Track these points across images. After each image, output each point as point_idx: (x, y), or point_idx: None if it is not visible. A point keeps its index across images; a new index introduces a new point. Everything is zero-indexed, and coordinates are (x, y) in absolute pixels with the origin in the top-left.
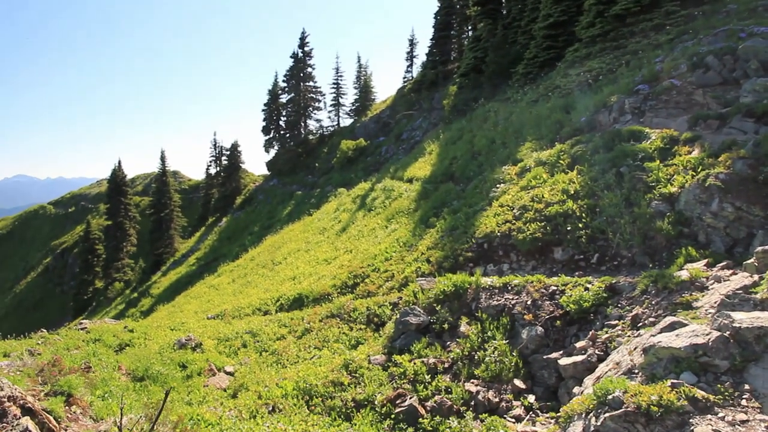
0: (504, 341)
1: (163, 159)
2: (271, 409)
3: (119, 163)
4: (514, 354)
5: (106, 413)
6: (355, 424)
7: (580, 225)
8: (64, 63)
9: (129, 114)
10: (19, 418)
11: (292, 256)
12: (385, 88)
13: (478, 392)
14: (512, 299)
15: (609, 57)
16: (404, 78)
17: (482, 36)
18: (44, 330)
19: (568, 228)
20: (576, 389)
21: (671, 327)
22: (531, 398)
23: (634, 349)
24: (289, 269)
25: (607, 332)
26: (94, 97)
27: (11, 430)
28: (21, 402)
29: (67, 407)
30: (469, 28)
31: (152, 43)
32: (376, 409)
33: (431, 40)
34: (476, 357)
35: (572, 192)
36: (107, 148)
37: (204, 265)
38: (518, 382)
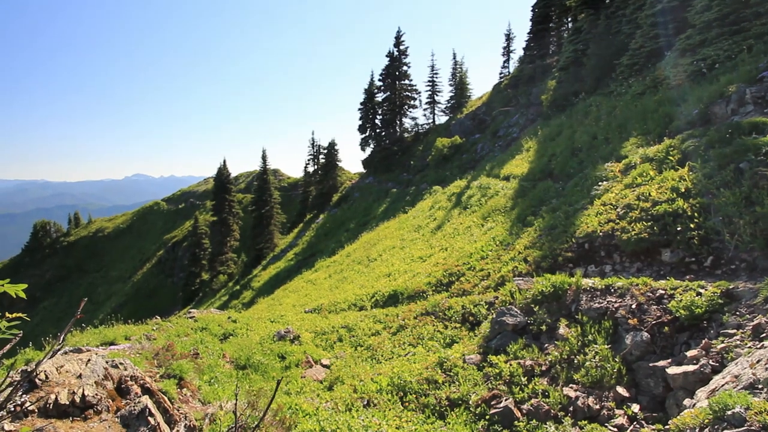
0: (606, 346)
1: (264, 158)
2: (366, 403)
3: (224, 162)
4: (616, 360)
5: (213, 397)
6: (449, 423)
7: (692, 225)
8: (175, 69)
9: (233, 115)
10: (140, 396)
11: (387, 253)
12: (481, 84)
13: (577, 398)
14: (615, 302)
15: (727, 43)
16: (500, 74)
17: (583, 27)
18: (158, 317)
19: (678, 228)
20: (687, 401)
21: None
22: (635, 407)
23: (757, 362)
24: (384, 266)
25: (723, 342)
26: (200, 99)
27: (134, 406)
28: (141, 382)
29: (179, 389)
30: (569, 19)
31: (250, 45)
32: (471, 409)
33: (528, 33)
34: (576, 361)
35: (683, 190)
36: (213, 147)
37: (302, 260)
38: (621, 390)
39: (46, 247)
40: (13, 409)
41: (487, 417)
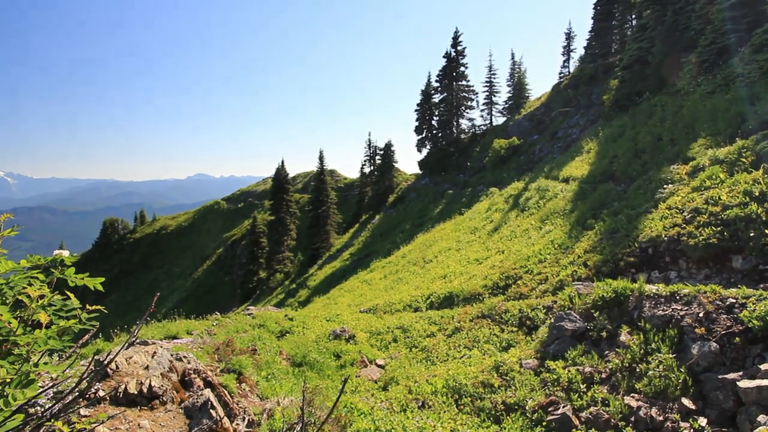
0: (670, 355)
1: (321, 159)
2: (420, 404)
3: (282, 162)
4: (681, 370)
5: (270, 393)
6: (505, 428)
7: (767, 231)
8: (235, 74)
9: (291, 116)
10: (202, 389)
11: (442, 255)
12: (540, 84)
13: (639, 408)
14: (681, 310)
15: None
16: (560, 73)
17: (649, 24)
18: (217, 313)
19: (751, 234)
20: (761, 417)
21: None
22: (702, 421)
23: None
24: (440, 267)
25: None
26: (259, 101)
27: (197, 399)
28: (203, 375)
29: (238, 384)
30: (633, 16)
31: (308, 48)
32: (527, 414)
33: (590, 32)
34: (638, 369)
35: (757, 194)
36: (272, 148)
37: (357, 260)
38: (687, 402)
39: (114, 244)
40: (88, 396)
41: (544, 423)
